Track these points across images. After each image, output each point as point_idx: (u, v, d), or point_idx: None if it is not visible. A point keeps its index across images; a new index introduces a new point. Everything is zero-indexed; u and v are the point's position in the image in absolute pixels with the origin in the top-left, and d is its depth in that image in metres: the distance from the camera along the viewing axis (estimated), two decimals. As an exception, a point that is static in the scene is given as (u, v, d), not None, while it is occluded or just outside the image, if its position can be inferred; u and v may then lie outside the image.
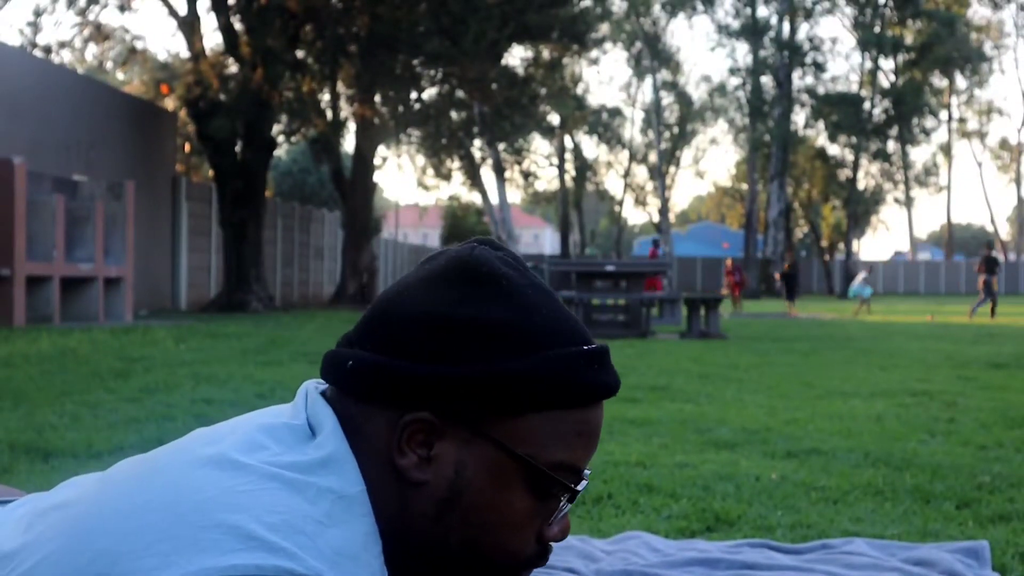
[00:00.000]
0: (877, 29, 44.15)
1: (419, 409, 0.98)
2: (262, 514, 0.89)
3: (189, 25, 20.30)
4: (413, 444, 0.99)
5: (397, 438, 0.99)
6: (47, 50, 22.99)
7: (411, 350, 0.99)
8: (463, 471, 0.99)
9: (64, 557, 0.92)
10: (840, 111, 43.04)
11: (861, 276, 25.14)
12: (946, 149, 61.53)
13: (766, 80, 44.02)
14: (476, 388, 0.97)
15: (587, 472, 1.06)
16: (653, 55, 46.34)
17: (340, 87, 23.51)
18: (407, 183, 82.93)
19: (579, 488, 1.04)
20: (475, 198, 41.58)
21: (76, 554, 0.91)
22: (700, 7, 44.91)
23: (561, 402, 1.00)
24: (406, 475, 0.99)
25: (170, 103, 23.79)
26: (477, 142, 30.67)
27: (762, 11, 44.86)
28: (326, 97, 23.54)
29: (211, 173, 21.38)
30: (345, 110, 24.17)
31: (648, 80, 48.77)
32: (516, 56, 25.32)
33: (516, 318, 1.00)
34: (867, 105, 44.04)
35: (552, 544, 1.07)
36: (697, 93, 52.59)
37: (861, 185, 46.46)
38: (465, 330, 0.98)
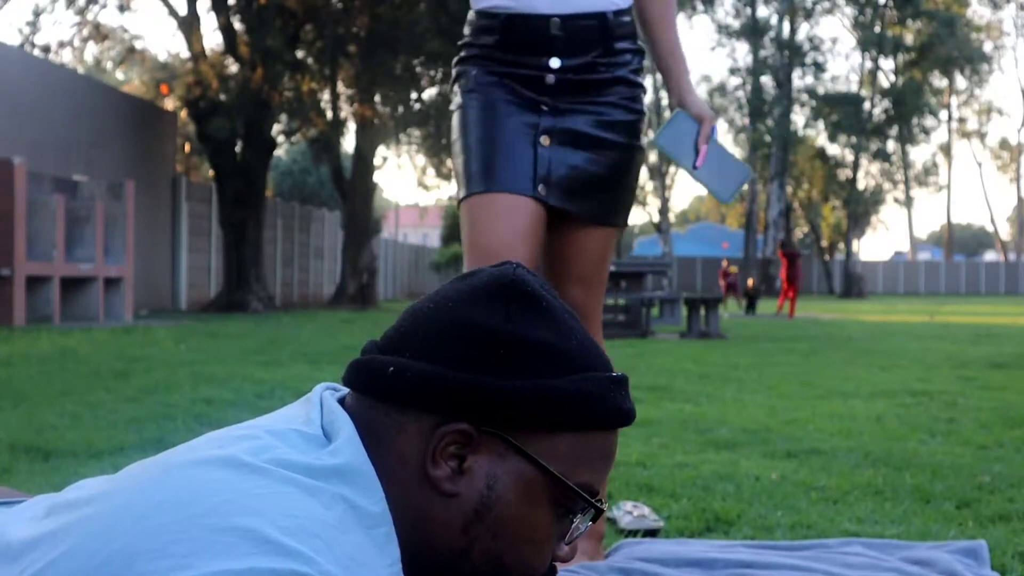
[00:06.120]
0: (877, 29, 44.12)
1: (458, 419, 0.99)
2: (277, 518, 0.89)
3: (189, 25, 20.31)
4: (446, 455, 1.00)
5: (432, 448, 0.99)
6: (46, 49, 22.98)
7: (459, 361, 1.00)
8: (495, 485, 1.00)
9: (78, 557, 0.92)
10: (840, 111, 43.01)
11: None
12: (946, 149, 61.55)
13: (766, 80, 44.00)
14: (520, 402, 0.99)
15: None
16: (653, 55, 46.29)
17: (340, 87, 23.51)
18: (407, 183, 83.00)
19: (604, 508, 1.07)
20: (475, 198, 41.45)
21: (90, 554, 0.91)
22: (700, 7, 44.87)
23: (594, 424, 1.02)
24: (438, 486, 1.00)
25: (170, 103, 23.79)
26: (477, 142, 30.58)
27: (762, 11, 44.85)
28: (326, 97, 23.54)
29: (211, 173, 21.39)
30: (345, 110, 24.17)
31: (648, 80, 48.81)
32: (516, 56, 25.31)
33: (557, 339, 1.02)
34: (867, 105, 44.01)
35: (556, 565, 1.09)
36: (697, 93, 52.64)
37: (861, 185, 46.44)
38: (514, 346, 1.00)
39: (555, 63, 2.10)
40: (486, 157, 2.11)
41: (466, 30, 2.22)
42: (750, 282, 23.93)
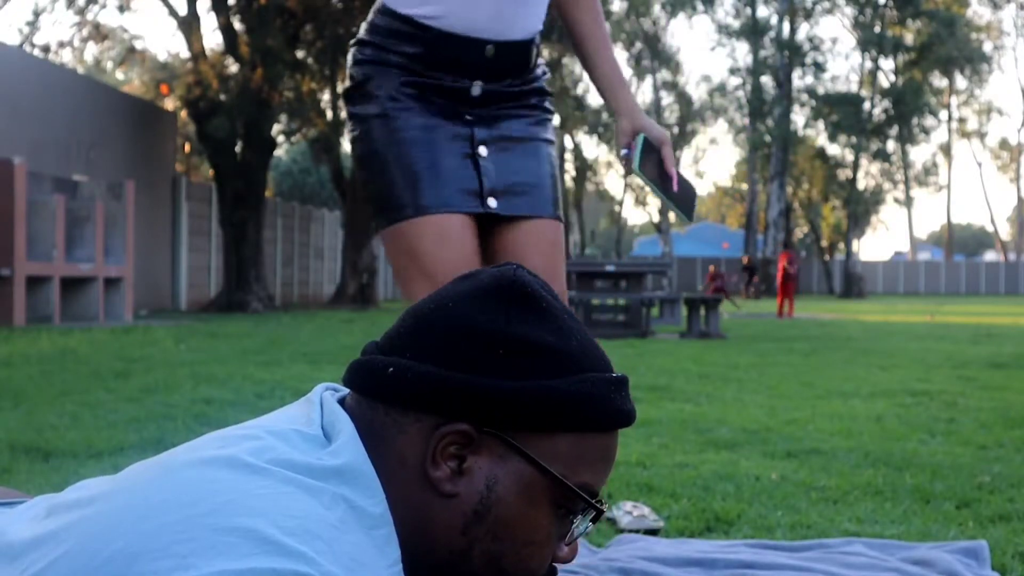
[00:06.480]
0: (877, 29, 44.13)
1: (458, 420, 0.99)
2: (279, 518, 0.89)
3: (189, 25, 20.32)
4: (446, 456, 1.00)
5: (432, 449, 1.00)
6: (46, 49, 23.00)
7: (460, 362, 1.00)
8: (494, 486, 1.00)
9: (79, 557, 0.92)
10: (840, 111, 43.02)
11: None
12: (946, 149, 61.57)
13: (766, 80, 44.00)
14: (521, 403, 0.99)
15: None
16: (653, 55, 46.36)
17: (340, 87, 23.52)
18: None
19: (604, 509, 1.07)
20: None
21: (91, 554, 0.91)
22: (700, 7, 44.92)
23: (594, 424, 1.03)
24: (438, 487, 1.00)
25: (170, 103, 23.80)
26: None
27: (762, 11, 44.88)
28: (326, 97, 23.55)
29: (211, 173, 21.40)
30: (345, 110, 24.19)
31: (648, 80, 48.81)
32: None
33: (557, 340, 1.03)
34: (867, 105, 44.01)
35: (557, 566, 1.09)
36: (697, 93, 52.76)
37: (861, 185, 46.44)
38: (514, 346, 1.01)
39: (479, 85, 1.97)
40: (422, 175, 1.92)
41: (369, 28, 1.99)
42: (745, 259, 23.81)
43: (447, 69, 1.95)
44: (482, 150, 1.97)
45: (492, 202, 1.96)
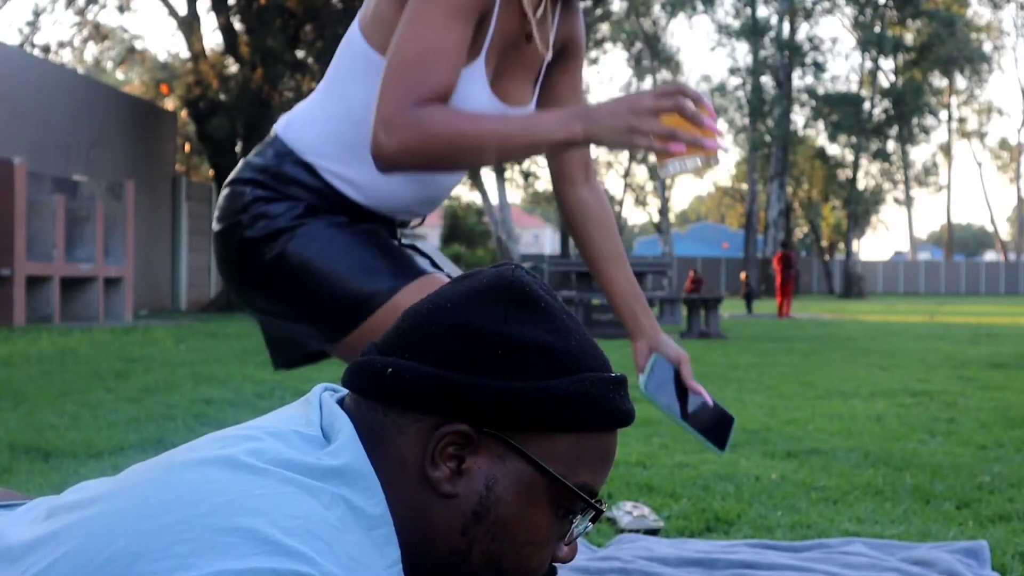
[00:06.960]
0: (877, 29, 44.12)
1: (457, 421, 0.99)
2: (279, 518, 0.89)
3: (189, 25, 20.33)
4: (445, 456, 1.00)
5: (431, 449, 1.00)
6: (46, 49, 23.00)
7: (458, 362, 1.00)
8: (494, 486, 1.00)
9: (79, 557, 0.92)
10: (840, 111, 43.00)
11: None
12: (946, 149, 61.59)
13: (766, 80, 43.99)
14: (519, 403, 0.99)
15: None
16: (653, 55, 46.32)
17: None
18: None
19: (604, 509, 1.07)
20: (475, 198, 41.58)
21: (92, 555, 0.91)
22: (700, 7, 44.88)
23: (593, 424, 1.03)
24: (437, 487, 1.00)
25: (170, 103, 23.80)
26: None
27: (762, 11, 44.84)
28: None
29: (211, 173, 21.41)
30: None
31: (648, 80, 48.77)
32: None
33: (556, 340, 1.03)
34: (867, 105, 43.99)
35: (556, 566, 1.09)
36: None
37: (861, 185, 46.42)
38: (513, 347, 1.01)
39: None
40: (378, 261, 1.72)
41: (266, 172, 1.77)
42: (742, 275, 23.68)
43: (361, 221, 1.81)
44: (404, 241, 1.87)
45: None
